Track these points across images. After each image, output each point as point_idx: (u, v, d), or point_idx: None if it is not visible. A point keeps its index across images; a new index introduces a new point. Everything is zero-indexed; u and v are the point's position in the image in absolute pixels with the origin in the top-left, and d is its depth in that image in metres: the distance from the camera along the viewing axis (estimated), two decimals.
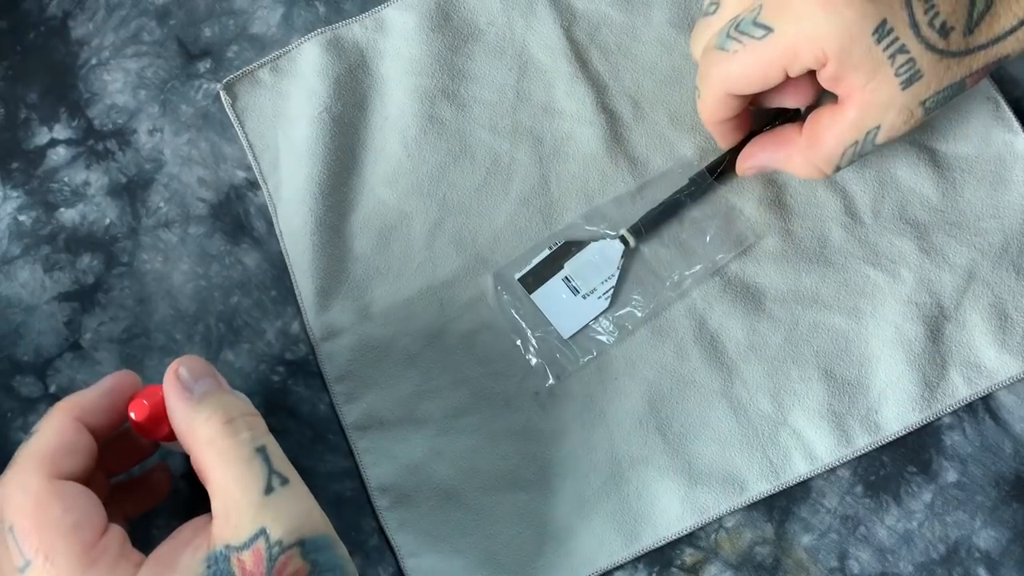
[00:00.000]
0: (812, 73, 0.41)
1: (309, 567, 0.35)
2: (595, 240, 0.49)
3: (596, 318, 0.48)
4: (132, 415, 0.38)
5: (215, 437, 0.36)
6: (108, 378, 0.40)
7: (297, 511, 0.36)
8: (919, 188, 0.49)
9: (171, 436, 0.39)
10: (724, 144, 0.48)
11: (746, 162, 0.47)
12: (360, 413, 0.47)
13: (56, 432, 0.37)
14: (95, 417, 0.39)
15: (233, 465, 0.36)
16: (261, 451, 0.37)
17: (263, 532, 0.35)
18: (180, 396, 0.38)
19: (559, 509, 0.46)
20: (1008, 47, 0.40)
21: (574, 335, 0.48)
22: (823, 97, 0.43)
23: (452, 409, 0.47)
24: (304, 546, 0.35)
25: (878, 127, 0.40)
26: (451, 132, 0.50)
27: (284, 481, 0.36)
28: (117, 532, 0.37)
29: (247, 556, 0.34)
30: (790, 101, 0.44)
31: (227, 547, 0.35)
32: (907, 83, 0.39)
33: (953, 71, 0.39)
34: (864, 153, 0.42)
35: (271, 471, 0.36)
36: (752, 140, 0.47)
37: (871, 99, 0.40)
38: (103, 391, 0.39)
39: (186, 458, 0.47)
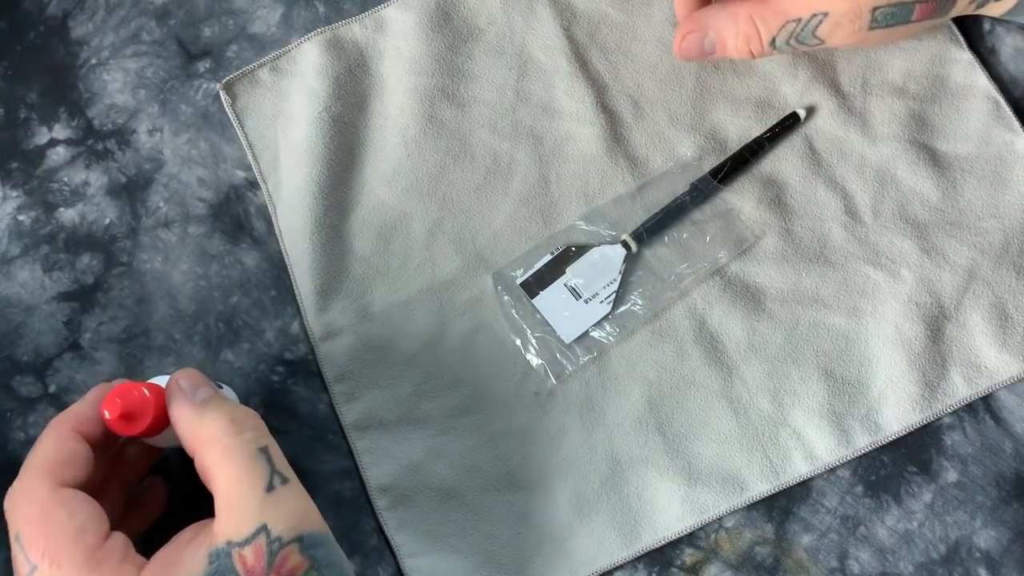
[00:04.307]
0: None
1: (308, 562, 0.36)
2: (596, 243, 0.49)
3: (598, 321, 0.48)
4: (106, 413, 0.39)
5: (221, 435, 0.38)
6: (95, 389, 0.41)
7: (296, 508, 0.37)
8: (919, 188, 0.49)
9: (148, 432, 0.40)
10: (682, 12, 0.48)
11: (686, 27, 0.47)
12: (360, 413, 0.47)
13: (55, 443, 0.39)
14: (88, 427, 0.40)
15: (237, 463, 0.37)
16: (264, 451, 0.38)
17: (264, 528, 0.36)
18: (184, 401, 0.39)
19: (559, 509, 0.46)
20: None
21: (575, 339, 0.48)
22: None
23: (452, 409, 0.47)
24: (303, 542, 0.36)
25: (825, 14, 0.42)
26: (451, 132, 0.50)
27: (284, 480, 0.37)
28: (120, 537, 0.38)
29: (248, 551, 0.35)
30: None
31: (229, 543, 0.36)
32: None
33: None
34: (800, 41, 0.44)
35: (273, 470, 0.37)
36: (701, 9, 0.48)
37: None
38: (92, 402, 0.41)
39: (181, 459, 0.47)
